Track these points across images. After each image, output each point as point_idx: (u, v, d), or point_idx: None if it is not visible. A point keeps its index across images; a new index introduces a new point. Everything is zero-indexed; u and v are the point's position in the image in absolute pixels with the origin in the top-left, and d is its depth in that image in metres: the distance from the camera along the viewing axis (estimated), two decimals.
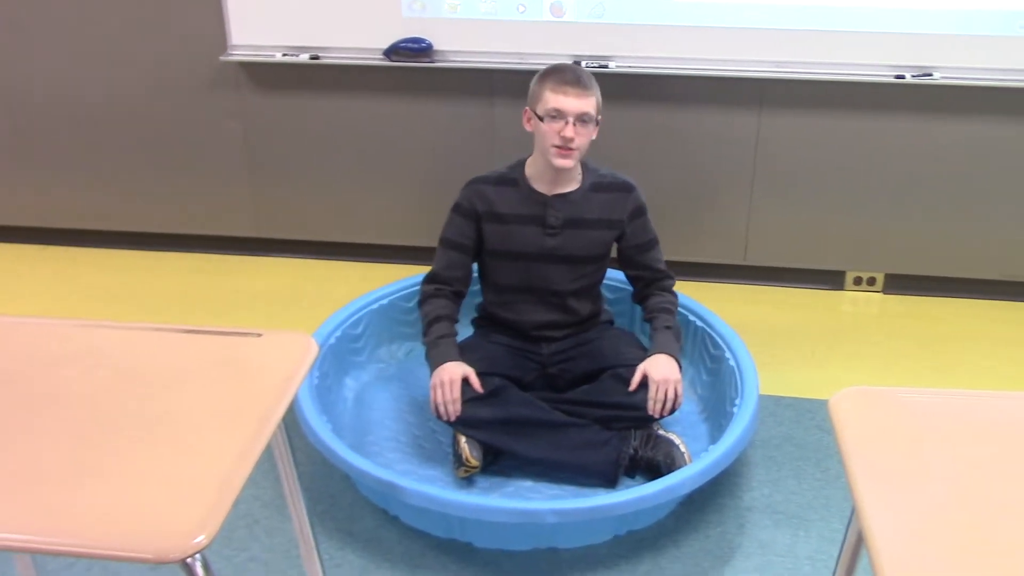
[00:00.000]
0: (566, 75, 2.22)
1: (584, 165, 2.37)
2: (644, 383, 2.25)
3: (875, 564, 1.03)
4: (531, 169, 2.34)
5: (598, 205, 2.35)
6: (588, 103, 2.21)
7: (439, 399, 2.22)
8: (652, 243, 2.42)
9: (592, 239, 2.36)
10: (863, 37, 2.77)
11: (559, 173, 2.30)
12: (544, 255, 2.35)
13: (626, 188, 2.38)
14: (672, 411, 2.26)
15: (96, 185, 3.39)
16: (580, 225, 2.34)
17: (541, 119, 2.23)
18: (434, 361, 2.28)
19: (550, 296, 2.39)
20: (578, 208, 2.34)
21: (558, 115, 2.20)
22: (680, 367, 2.28)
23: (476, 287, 2.50)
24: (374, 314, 2.70)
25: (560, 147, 2.21)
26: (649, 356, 2.29)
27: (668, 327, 2.35)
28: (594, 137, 2.28)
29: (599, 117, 2.27)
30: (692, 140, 3.04)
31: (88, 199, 3.41)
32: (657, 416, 2.25)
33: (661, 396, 2.23)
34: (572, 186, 2.34)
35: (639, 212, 2.39)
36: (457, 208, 2.38)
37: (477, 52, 2.91)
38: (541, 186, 2.33)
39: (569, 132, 2.19)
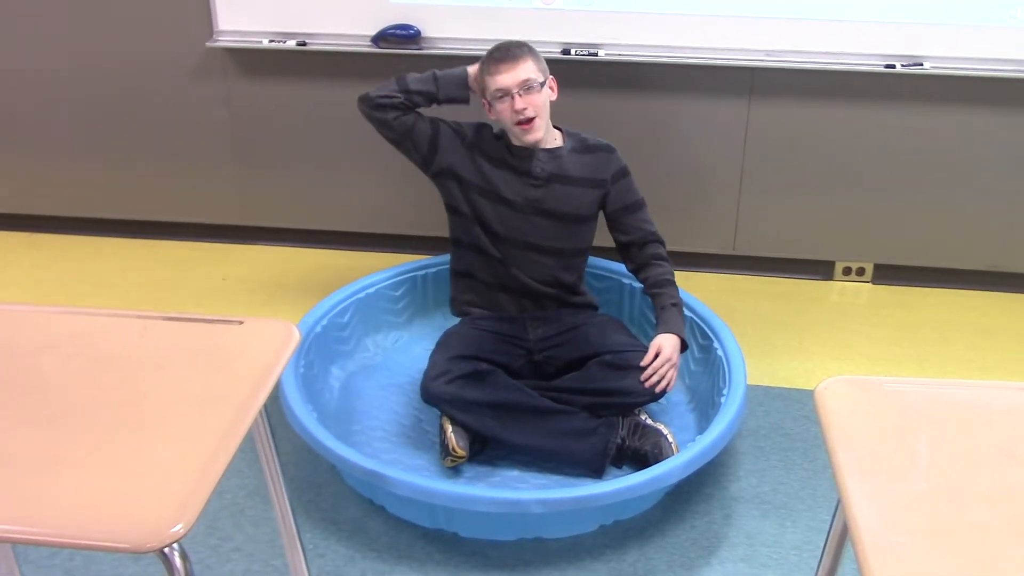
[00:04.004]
0: (496, 55, 2.32)
1: (565, 131, 2.43)
2: (634, 368, 2.25)
3: (859, 554, 1.02)
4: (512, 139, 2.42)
5: (582, 164, 2.41)
6: (523, 70, 2.28)
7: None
8: (640, 204, 2.46)
9: (575, 196, 2.39)
10: (854, 26, 2.76)
11: (534, 144, 2.36)
12: (526, 206, 2.38)
13: (608, 149, 2.44)
14: (663, 394, 2.26)
15: (81, 173, 3.36)
16: (564, 181, 2.38)
17: (492, 104, 2.32)
18: (457, 73, 2.38)
19: (530, 251, 2.40)
20: (563, 164, 2.39)
21: (503, 93, 2.28)
22: (686, 348, 2.33)
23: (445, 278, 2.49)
24: (360, 303, 2.68)
25: (519, 122, 2.29)
26: (660, 332, 2.30)
27: (675, 304, 2.37)
28: (553, 98, 2.36)
29: (545, 78, 2.33)
30: (682, 129, 3.02)
31: (73, 187, 3.38)
32: (646, 390, 2.25)
33: (662, 373, 2.24)
34: (556, 144, 2.41)
35: (622, 173, 2.44)
36: (455, 123, 2.44)
37: (466, 39, 2.88)
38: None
39: (519, 104, 2.27)
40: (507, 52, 2.30)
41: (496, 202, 2.38)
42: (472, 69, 2.37)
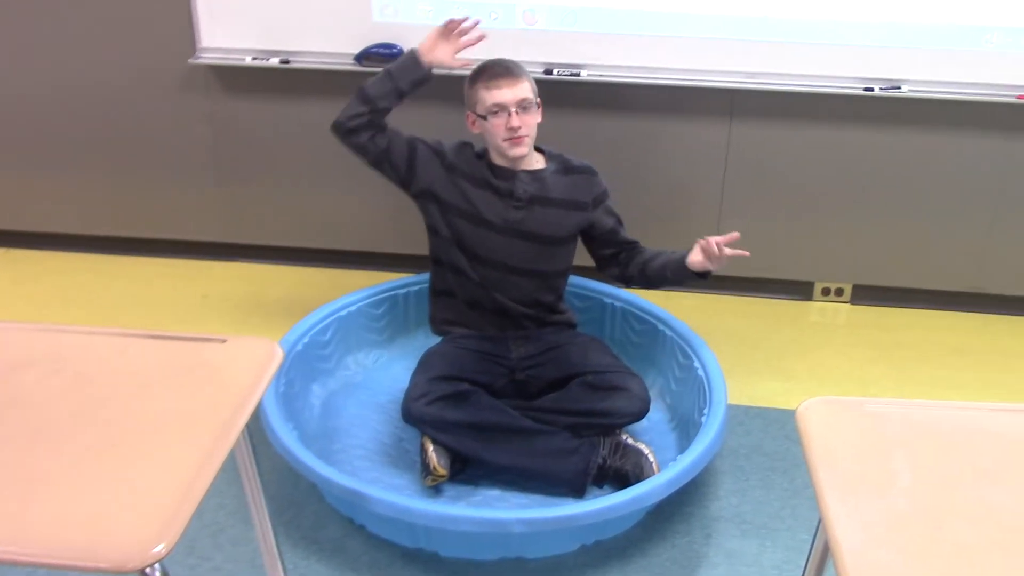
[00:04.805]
0: (495, 69, 2.31)
1: (547, 152, 2.45)
2: (615, 389, 2.26)
3: (840, 573, 1.03)
4: (495, 158, 2.41)
5: (564, 186, 2.42)
6: (523, 88, 2.30)
7: (450, 30, 2.37)
8: (620, 221, 2.50)
9: (556, 218, 2.40)
10: (833, 49, 2.79)
11: (517, 161, 2.36)
12: (507, 228, 2.38)
13: (590, 171, 2.46)
14: (643, 415, 2.26)
15: (62, 188, 3.34)
16: (546, 203, 2.39)
17: (484, 118, 2.31)
18: (405, 56, 2.38)
19: (510, 273, 2.40)
20: (545, 186, 2.40)
21: (500, 109, 2.28)
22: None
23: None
24: (342, 321, 2.67)
25: (510, 138, 2.29)
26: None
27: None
28: (540, 120, 2.36)
29: (538, 100, 2.34)
30: (662, 150, 3.04)
31: (53, 202, 3.37)
32: (628, 411, 2.25)
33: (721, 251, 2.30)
34: (538, 166, 2.41)
35: (603, 196, 2.47)
36: (435, 143, 2.43)
37: None
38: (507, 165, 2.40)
39: (515, 122, 2.28)
40: (507, 69, 2.30)
41: (477, 224, 2.38)
42: (423, 46, 2.37)
